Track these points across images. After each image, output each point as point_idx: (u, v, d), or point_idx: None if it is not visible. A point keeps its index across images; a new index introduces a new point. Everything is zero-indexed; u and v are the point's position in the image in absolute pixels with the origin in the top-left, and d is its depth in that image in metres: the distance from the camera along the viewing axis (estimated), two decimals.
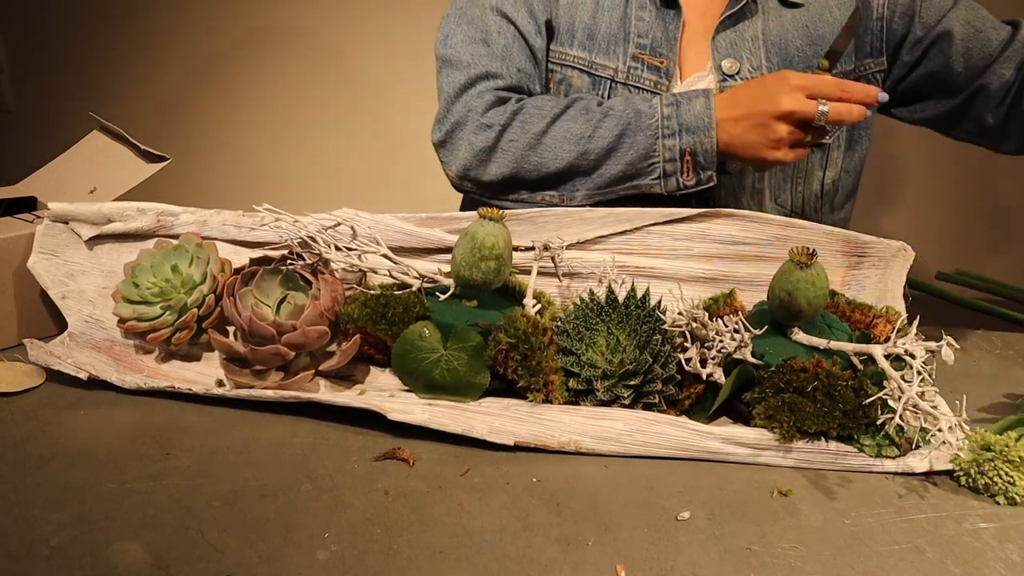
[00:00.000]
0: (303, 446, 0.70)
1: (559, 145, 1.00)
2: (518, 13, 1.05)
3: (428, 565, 0.56)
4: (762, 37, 1.08)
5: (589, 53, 1.08)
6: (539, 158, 1.00)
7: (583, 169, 1.00)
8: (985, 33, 1.06)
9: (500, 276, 0.76)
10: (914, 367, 0.67)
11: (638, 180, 0.99)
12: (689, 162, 0.97)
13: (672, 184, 0.98)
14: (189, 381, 0.79)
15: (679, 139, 0.97)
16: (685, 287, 0.84)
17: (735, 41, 1.07)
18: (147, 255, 0.83)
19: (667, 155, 0.98)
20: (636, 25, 1.07)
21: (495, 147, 1.01)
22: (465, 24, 1.06)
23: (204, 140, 2.28)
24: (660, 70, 1.06)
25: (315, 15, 2.17)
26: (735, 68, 1.06)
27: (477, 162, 1.03)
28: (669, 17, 1.07)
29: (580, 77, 1.08)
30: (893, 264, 0.85)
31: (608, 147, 0.98)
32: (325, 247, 0.80)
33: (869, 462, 0.69)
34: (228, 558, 0.56)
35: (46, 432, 0.71)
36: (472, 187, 1.06)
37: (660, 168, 0.98)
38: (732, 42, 1.07)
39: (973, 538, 0.60)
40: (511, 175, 1.02)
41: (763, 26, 1.07)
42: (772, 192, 1.12)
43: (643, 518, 0.62)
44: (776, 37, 1.07)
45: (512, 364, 0.72)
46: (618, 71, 1.07)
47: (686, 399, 0.74)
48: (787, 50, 1.07)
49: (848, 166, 1.15)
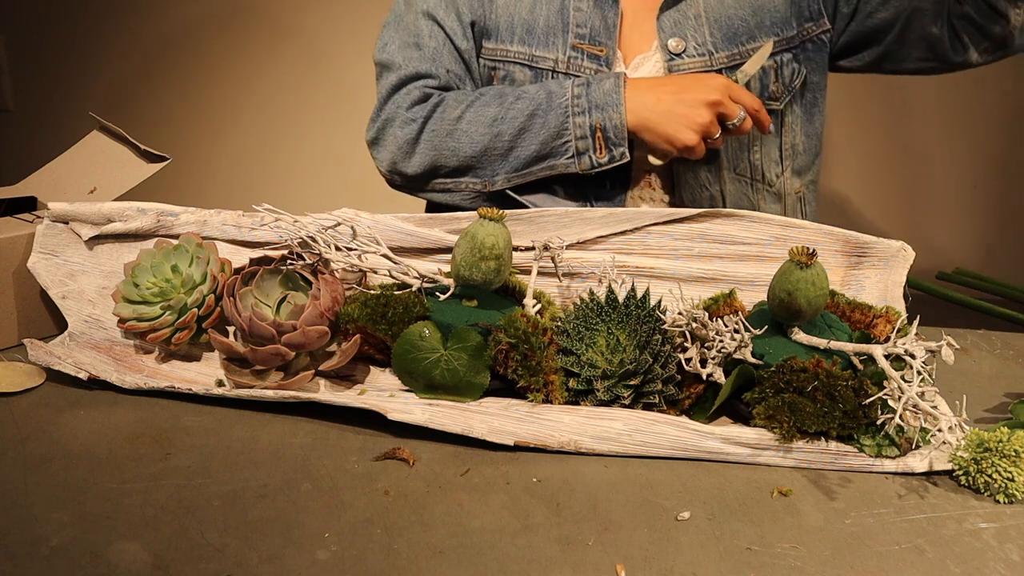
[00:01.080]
0: (303, 446, 0.70)
1: (474, 129, 1.05)
2: (448, 17, 1.10)
3: (428, 565, 0.56)
4: (704, 14, 1.09)
5: (529, 47, 1.10)
6: (456, 143, 1.05)
7: (498, 151, 1.05)
8: None
9: (500, 276, 0.76)
10: (914, 367, 0.67)
11: (553, 159, 1.04)
12: (600, 138, 1.02)
13: (586, 162, 1.03)
14: (189, 381, 0.79)
15: (589, 116, 1.01)
16: (685, 287, 0.84)
17: (679, 20, 1.09)
18: (147, 255, 0.83)
19: (578, 132, 1.02)
20: (575, 16, 1.09)
21: (417, 139, 1.07)
22: (401, 30, 1.12)
23: (205, 140, 2.29)
24: (600, 58, 1.07)
25: (315, 15, 2.17)
26: (681, 47, 1.08)
27: (402, 155, 1.08)
28: (607, 6, 1.09)
29: (522, 71, 1.10)
30: (893, 264, 0.85)
31: (520, 127, 1.03)
32: (325, 247, 0.80)
33: (869, 462, 0.69)
34: (228, 558, 0.56)
35: (46, 432, 0.71)
36: (401, 180, 1.11)
37: (573, 146, 1.03)
38: (676, 21, 1.09)
39: (973, 538, 0.60)
40: (432, 164, 1.07)
41: (704, 3, 1.09)
42: (730, 161, 1.13)
43: (643, 518, 0.62)
44: (717, 13, 1.09)
45: (512, 364, 0.72)
46: (559, 62, 1.09)
47: (686, 399, 0.74)
48: (731, 24, 1.09)
49: (808, 130, 1.17)
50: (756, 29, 1.09)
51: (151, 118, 2.27)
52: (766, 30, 1.10)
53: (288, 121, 2.24)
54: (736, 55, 1.10)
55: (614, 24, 1.08)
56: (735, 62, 1.10)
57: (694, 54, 1.09)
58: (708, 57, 1.09)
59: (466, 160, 1.06)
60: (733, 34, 1.09)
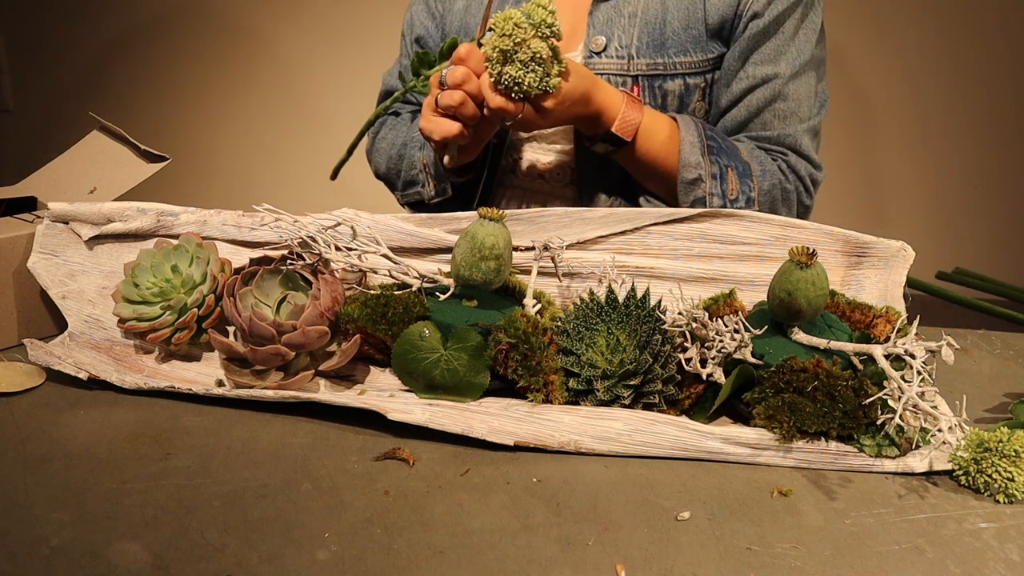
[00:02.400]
0: (303, 446, 0.70)
1: (383, 150, 1.18)
2: (409, 34, 1.20)
3: (428, 565, 0.56)
4: (640, 14, 1.04)
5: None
6: (378, 159, 1.20)
7: (393, 172, 1.16)
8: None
9: (500, 276, 0.76)
10: (914, 367, 0.67)
11: (416, 187, 1.13)
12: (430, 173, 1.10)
13: (426, 193, 1.11)
14: (189, 381, 0.79)
15: (423, 151, 1.10)
16: (685, 287, 0.84)
17: (611, 17, 1.05)
18: (147, 255, 0.83)
19: (419, 165, 1.11)
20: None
21: (370, 150, 1.22)
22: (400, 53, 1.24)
23: (204, 140, 2.29)
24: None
25: (315, 15, 2.17)
26: (601, 45, 1.05)
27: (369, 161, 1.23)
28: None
29: None
30: (893, 264, 0.85)
31: (399, 156, 1.14)
32: (325, 247, 0.80)
33: (869, 462, 0.69)
34: (228, 558, 0.56)
35: (46, 432, 0.71)
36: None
37: (419, 177, 1.11)
38: (609, 18, 1.05)
39: (973, 538, 0.60)
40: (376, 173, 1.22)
41: (643, 2, 1.05)
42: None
43: (643, 518, 0.62)
44: (653, 15, 1.04)
45: (512, 364, 0.72)
46: None
47: (686, 399, 0.74)
48: (663, 30, 1.04)
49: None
50: (688, 43, 1.04)
51: (151, 118, 2.27)
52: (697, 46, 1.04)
53: (288, 121, 2.24)
54: (659, 65, 1.04)
55: None
56: (655, 72, 1.04)
57: (613, 55, 1.04)
58: (627, 60, 1.04)
59: (382, 177, 1.20)
60: (662, 42, 1.04)
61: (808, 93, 1.06)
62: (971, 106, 1.92)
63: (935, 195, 1.99)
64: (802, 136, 1.05)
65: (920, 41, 1.90)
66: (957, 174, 1.97)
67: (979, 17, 1.87)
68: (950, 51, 1.90)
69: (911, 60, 1.91)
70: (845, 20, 1.88)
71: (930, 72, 1.91)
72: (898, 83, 1.94)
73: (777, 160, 1.05)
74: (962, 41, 1.89)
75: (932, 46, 1.90)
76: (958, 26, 1.88)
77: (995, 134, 1.93)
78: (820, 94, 1.08)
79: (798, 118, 1.05)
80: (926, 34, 1.89)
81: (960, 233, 1.99)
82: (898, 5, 1.89)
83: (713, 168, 1.00)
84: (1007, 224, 1.97)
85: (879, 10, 1.90)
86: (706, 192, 1.00)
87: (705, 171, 0.99)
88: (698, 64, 1.05)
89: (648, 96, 1.05)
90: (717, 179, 1.00)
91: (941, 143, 1.96)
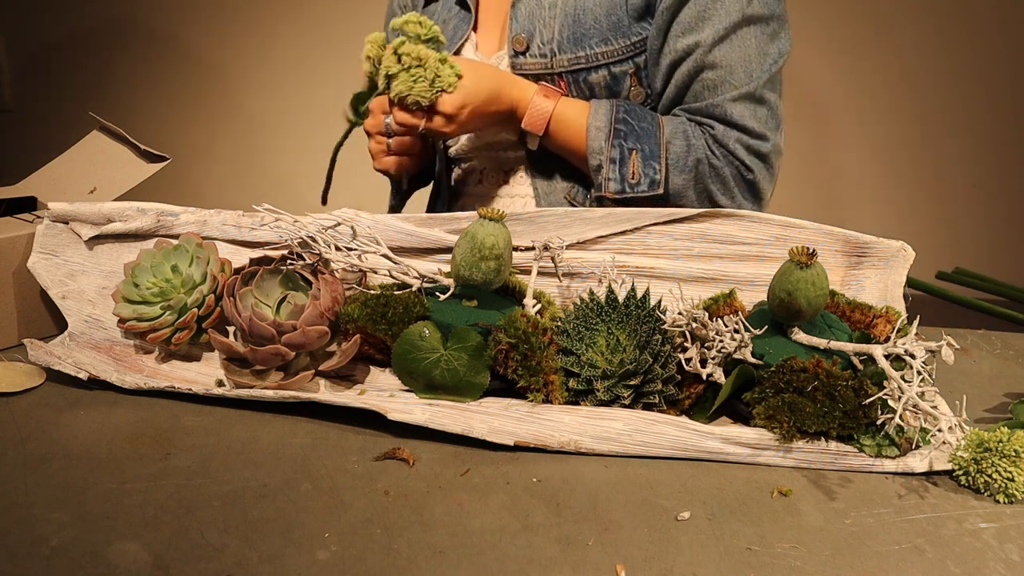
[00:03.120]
0: (303, 446, 0.70)
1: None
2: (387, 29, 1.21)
3: (428, 565, 0.56)
4: (560, 5, 1.02)
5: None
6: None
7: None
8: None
9: (500, 276, 0.76)
10: (914, 367, 0.67)
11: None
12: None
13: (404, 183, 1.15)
14: (189, 381, 0.79)
15: None
16: (685, 287, 0.84)
17: (533, 10, 1.03)
18: (147, 255, 0.83)
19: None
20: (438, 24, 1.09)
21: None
22: None
23: (205, 140, 2.29)
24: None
25: (316, 15, 2.17)
26: (523, 44, 1.03)
27: None
28: (464, 18, 1.09)
29: None
30: (893, 264, 0.85)
31: None
32: (325, 247, 0.80)
33: (869, 462, 0.69)
34: (228, 558, 0.56)
35: (46, 432, 0.71)
36: None
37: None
38: (531, 11, 1.03)
39: (973, 538, 0.60)
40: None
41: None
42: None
43: (643, 518, 0.62)
44: (574, 6, 1.02)
45: (512, 364, 0.72)
46: None
47: (686, 399, 0.74)
48: (583, 19, 1.01)
49: None
50: (609, 31, 1.00)
51: (151, 118, 2.27)
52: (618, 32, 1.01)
53: (289, 121, 2.24)
54: (580, 59, 1.01)
55: (463, 33, 1.08)
56: (577, 66, 1.02)
57: (536, 53, 1.02)
58: (550, 59, 1.02)
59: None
60: (582, 34, 1.00)
61: (743, 56, 0.98)
62: (970, 106, 1.92)
63: (935, 195, 1.99)
64: (730, 105, 0.98)
65: (919, 40, 1.90)
66: (957, 174, 1.97)
67: (978, 16, 1.87)
68: (949, 50, 1.90)
69: (910, 59, 1.91)
70: (844, 20, 1.88)
71: (929, 71, 1.91)
72: (897, 82, 1.94)
73: (705, 134, 1.00)
74: (961, 40, 1.89)
75: (931, 45, 1.90)
76: (957, 25, 1.88)
77: (995, 134, 1.93)
78: (770, 54, 0.99)
79: (731, 85, 0.98)
80: (925, 33, 1.89)
81: (960, 233, 1.99)
82: (897, 4, 1.89)
83: (613, 152, 0.97)
84: (1007, 224, 1.97)
85: (878, 9, 1.90)
86: (603, 177, 0.98)
87: (605, 156, 0.98)
88: (621, 51, 1.01)
89: (574, 91, 1.03)
90: (616, 163, 0.98)
91: (941, 143, 1.96)
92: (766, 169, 1.01)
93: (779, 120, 1.02)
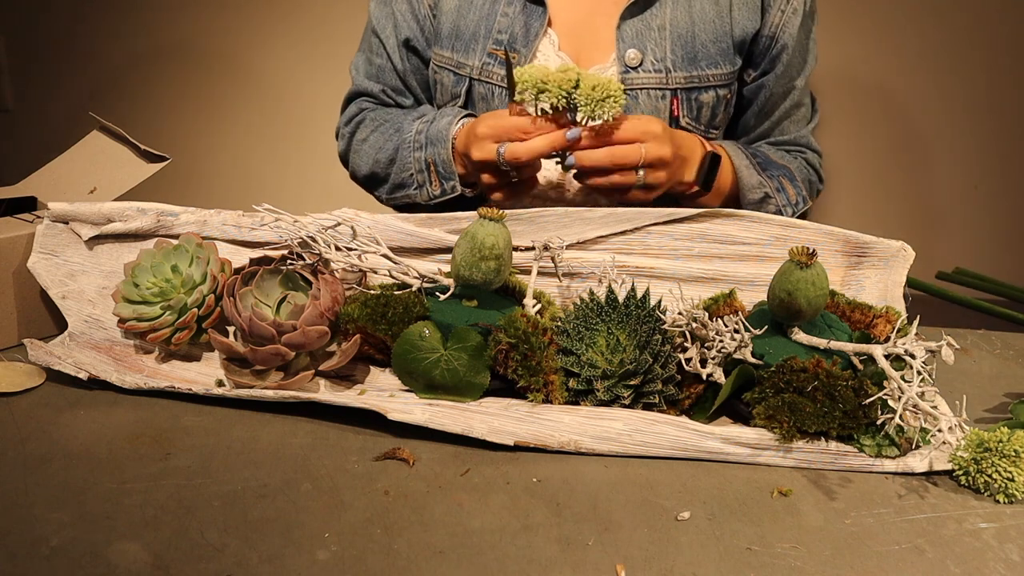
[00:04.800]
0: (303, 446, 0.70)
1: (367, 152, 1.15)
2: (387, 34, 1.17)
3: (428, 565, 0.56)
4: (669, 27, 1.05)
5: (455, 53, 1.10)
6: (359, 161, 1.17)
7: (379, 175, 1.14)
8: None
9: (500, 276, 0.76)
10: (914, 367, 0.67)
11: (407, 189, 1.11)
12: (434, 172, 1.08)
13: (425, 193, 1.09)
14: (189, 381, 0.79)
15: (424, 151, 1.07)
16: (685, 287, 0.84)
17: (641, 31, 1.05)
18: (147, 255, 0.83)
19: (417, 166, 1.08)
20: (499, 21, 1.08)
21: (347, 152, 1.20)
22: (364, 46, 1.21)
23: (205, 140, 2.29)
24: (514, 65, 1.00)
25: (316, 14, 2.17)
26: (637, 60, 1.05)
27: (345, 164, 1.21)
28: (533, 12, 1.07)
29: (448, 76, 1.12)
30: (893, 264, 0.85)
31: (389, 158, 1.11)
32: (325, 247, 0.80)
33: (869, 462, 0.69)
34: (228, 558, 0.56)
35: (46, 432, 0.71)
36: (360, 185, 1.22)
37: (415, 179, 1.09)
38: (638, 31, 1.05)
39: (973, 538, 0.60)
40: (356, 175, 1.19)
41: (671, 15, 1.05)
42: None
43: (643, 518, 0.62)
44: (683, 28, 1.05)
45: (512, 364, 0.72)
46: (474, 68, 1.09)
47: (686, 399, 0.74)
48: (693, 43, 1.05)
49: None
50: (718, 56, 1.06)
51: (151, 118, 2.27)
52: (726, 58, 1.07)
53: (289, 121, 2.24)
54: (694, 78, 1.06)
55: (537, 31, 1.06)
56: (692, 85, 1.06)
57: (651, 69, 1.05)
58: (665, 75, 1.05)
59: (365, 178, 1.17)
60: (695, 56, 1.05)
61: (809, 94, 1.17)
62: (971, 106, 1.92)
63: (935, 195, 1.99)
64: (811, 133, 1.18)
65: (920, 40, 1.90)
66: (957, 174, 1.97)
67: (979, 16, 1.87)
68: (950, 50, 1.89)
69: (911, 59, 1.91)
70: (845, 20, 1.88)
71: (930, 71, 1.91)
72: (898, 82, 1.93)
73: (797, 157, 1.16)
74: (962, 40, 1.88)
75: (931, 45, 1.90)
76: (958, 25, 1.88)
77: (995, 134, 1.93)
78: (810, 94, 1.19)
79: (806, 119, 1.17)
80: (926, 33, 1.89)
81: (960, 233, 1.98)
82: (898, 4, 1.89)
83: (773, 183, 1.10)
84: (1007, 224, 1.97)
85: (878, 9, 1.90)
86: (778, 206, 1.11)
87: (770, 188, 1.09)
88: (726, 76, 1.08)
89: (685, 108, 1.07)
90: (782, 192, 1.11)
91: (941, 143, 1.96)
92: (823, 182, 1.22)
93: None
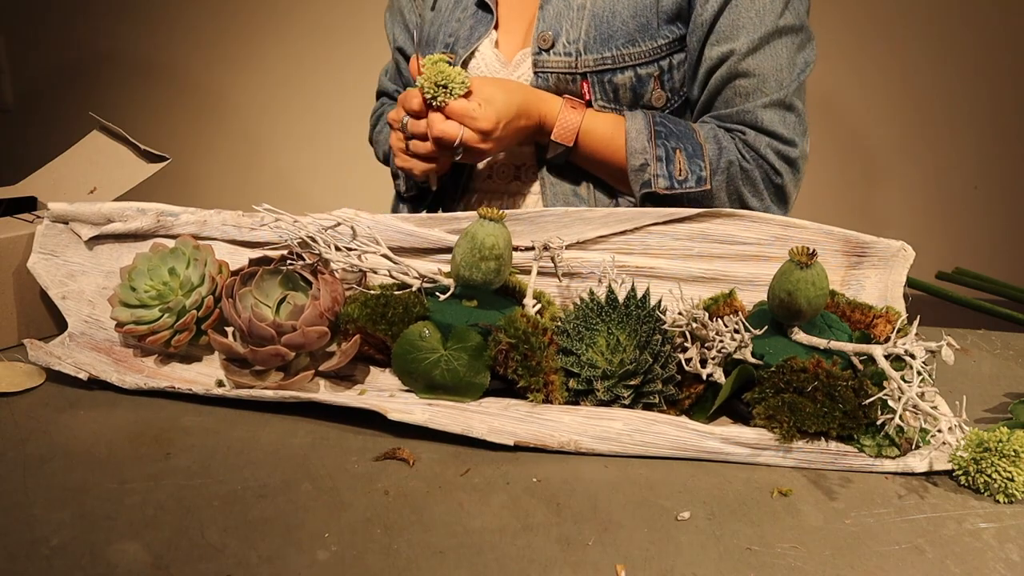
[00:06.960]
0: (303, 446, 0.70)
1: (380, 144, 1.24)
2: (391, 42, 1.24)
3: (428, 565, 0.56)
4: (589, 6, 1.02)
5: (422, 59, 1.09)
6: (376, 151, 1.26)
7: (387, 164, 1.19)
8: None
9: (500, 276, 0.76)
10: (914, 367, 0.67)
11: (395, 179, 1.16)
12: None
13: (400, 185, 1.15)
14: (189, 381, 0.79)
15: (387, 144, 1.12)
16: (685, 287, 0.84)
17: (561, 11, 1.03)
18: (143, 259, 0.83)
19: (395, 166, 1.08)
20: (452, 27, 1.10)
21: (371, 139, 1.29)
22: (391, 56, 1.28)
23: (204, 140, 2.29)
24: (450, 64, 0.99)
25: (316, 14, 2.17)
26: (548, 42, 1.03)
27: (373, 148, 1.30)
28: (480, 14, 1.09)
29: None
30: (893, 264, 0.85)
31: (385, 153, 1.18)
32: (325, 247, 0.80)
33: (869, 462, 0.69)
34: (228, 558, 0.56)
35: (46, 432, 0.71)
36: None
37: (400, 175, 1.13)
38: (558, 12, 1.03)
39: (973, 538, 0.60)
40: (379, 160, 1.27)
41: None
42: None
43: (643, 518, 0.62)
44: (602, 6, 1.02)
45: (512, 364, 0.72)
46: None
47: (686, 399, 0.74)
48: (612, 21, 1.02)
49: None
50: (636, 33, 1.01)
51: (151, 118, 2.27)
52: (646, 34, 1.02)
53: (289, 121, 2.24)
54: (606, 59, 1.01)
55: (481, 34, 1.07)
56: (603, 67, 1.02)
57: (560, 52, 1.02)
58: (575, 58, 1.02)
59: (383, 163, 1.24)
60: (609, 35, 1.01)
61: (775, 66, 1.01)
62: (971, 106, 1.92)
63: (935, 195, 1.99)
64: (761, 111, 1.01)
65: (920, 40, 1.90)
66: (957, 174, 1.97)
67: (980, 16, 1.87)
68: (951, 50, 1.90)
69: (911, 59, 1.91)
70: (845, 20, 1.88)
71: (930, 72, 1.91)
72: (898, 82, 1.94)
73: (735, 139, 1.02)
74: (963, 40, 1.89)
75: (932, 45, 1.90)
76: (959, 25, 1.88)
77: (995, 134, 1.93)
78: (799, 64, 1.02)
79: (762, 93, 1.01)
80: (926, 33, 1.90)
81: (960, 233, 1.99)
82: (898, 4, 1.89)
83: (659, 151, 0.99)
84: (1007, 224, 1.97)
85: (879, 9, 1.90)
86: (651, 175, 0.99)
87: (651, 155, 1.00)
88: (648, 53, 1.02)
89: (599, 91, 1.03)
90: (663, 161, 0.99)
91: (941, 143, 1.96)
92: (793, 173, 1.04)
93: (805, 127, 1.05)
